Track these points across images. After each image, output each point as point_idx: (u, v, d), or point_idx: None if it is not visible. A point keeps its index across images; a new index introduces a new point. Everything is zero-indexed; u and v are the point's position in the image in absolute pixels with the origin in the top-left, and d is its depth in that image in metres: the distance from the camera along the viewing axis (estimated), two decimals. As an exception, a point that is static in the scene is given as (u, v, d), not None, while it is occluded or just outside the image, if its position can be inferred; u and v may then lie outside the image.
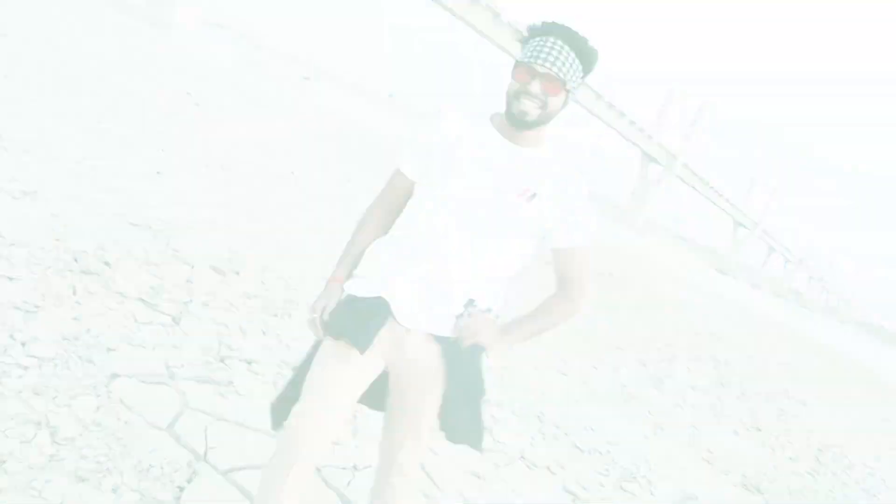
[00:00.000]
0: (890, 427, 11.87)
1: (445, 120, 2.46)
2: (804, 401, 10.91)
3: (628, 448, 5.63)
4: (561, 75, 2.31)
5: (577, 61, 2.33)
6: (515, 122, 2.37)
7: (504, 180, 2.38)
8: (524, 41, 2.39)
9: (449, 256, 2.37)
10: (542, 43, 2.32)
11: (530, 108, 2.32)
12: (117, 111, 10.08)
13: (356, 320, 2.41)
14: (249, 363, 4.34)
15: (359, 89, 55.50)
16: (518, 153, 2.41)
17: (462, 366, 2.44)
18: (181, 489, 3.02)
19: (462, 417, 2.50)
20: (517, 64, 2.35)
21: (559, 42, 2.31)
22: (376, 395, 2.57)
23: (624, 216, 59.86)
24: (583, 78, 2.38)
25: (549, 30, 2.34)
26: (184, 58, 23.15)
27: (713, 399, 8.51)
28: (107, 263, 4.85)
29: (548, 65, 2.29)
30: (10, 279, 4.12)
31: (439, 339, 2.44)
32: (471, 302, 2.41)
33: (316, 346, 2.55)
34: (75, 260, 4.71)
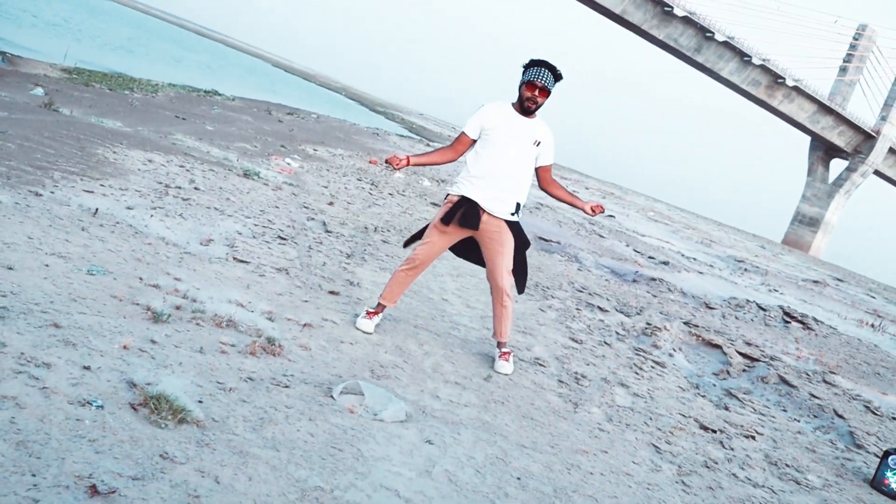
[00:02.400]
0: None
1: (489, 108, 5.06)
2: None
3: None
4: (549, 87, 4.95)
5: (552, 78, 4.94)
6: (526, 112, 5.00)
7: (524, 137, 5.00)
8: (524, 69, 4.97)
9: (505, 179, 5.01)
10: (537, 71, 4.91)
11: (534, 106, 4.98)
12: None
13: (467, 213, 5.00)
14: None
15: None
16: (528, 123, 5.03)
17: (517, 233, 5.16)
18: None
19: (519, 264, 5.29)
20: (526, 82, 4.92)
21: (543, 69, 4.91)
22: (473, 256, 5.35)
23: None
24: (555, 84, 4.99)
25: (538, 63, 4.93)
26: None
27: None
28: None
29: (541, 81, 4.91)
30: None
31: (504, 220, 5.07)
32: (517, 204, 5.10)
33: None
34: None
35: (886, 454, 5.08)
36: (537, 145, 5.05)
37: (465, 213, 4.99)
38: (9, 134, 7.75)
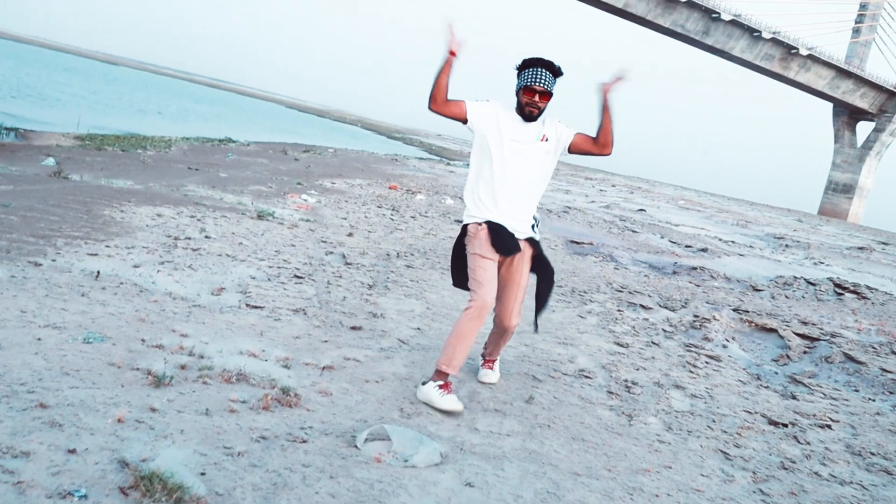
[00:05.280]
0: None
1: (493, 109, 4.38)
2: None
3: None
4: (550, 90, 4.31)
5: (552, 77, 4.31)
6: (527, 119, 4.34)
7: (528, 140, 4.35)
8: (518, 70, 4.35)
9: (518, 193, 4.37)
10: (533, 73, 4.28)
11: (534, 112, 4.32)
12: None
13: (502, 240, 4.34)
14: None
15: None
16: (530, 125, 4.37)
17: (540, 254, 4.55)
18: None
19: (542, 294, 4.69)
20: (524, 87, 4.27)
21: (540, 69, 4.30)
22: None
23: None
24: (555, 83, 4.34)
25: (536, 63, 4.31)
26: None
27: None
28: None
29: (540, 85, 4.27)
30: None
31: (526, 239, 4.48)
32: (534, 218, 4.54)
33: (459, 245, 4.57)
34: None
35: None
36: (545, 141, 4.37)
37: (501, 238, 4.34)
38: (12, 206, 7.49)
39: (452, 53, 4.23)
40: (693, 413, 4.82)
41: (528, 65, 4.32)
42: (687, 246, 15.13)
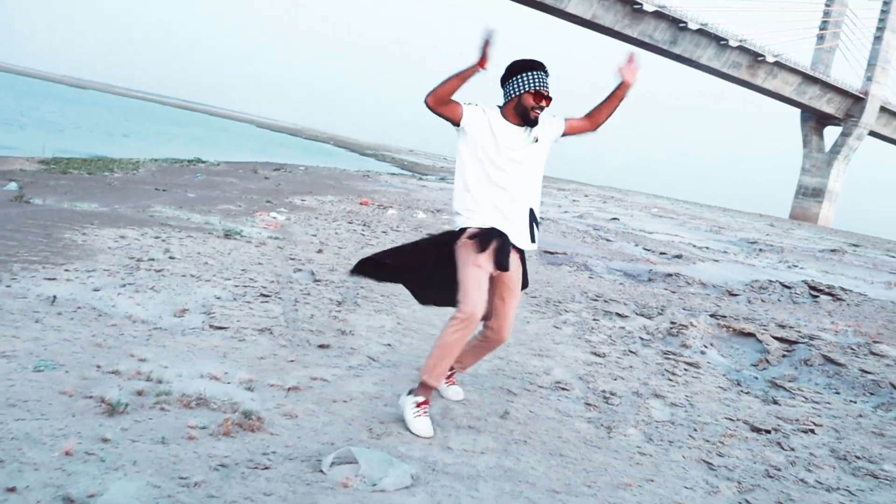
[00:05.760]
0: None
1: (485, 114, 4.11)
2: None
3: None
4: (551, 95, 4.13)
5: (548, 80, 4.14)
6: (530, 125, 4.14)
7: (522, 142, 4.13)
8: (516, 73, 4.10)
9: (519, 200, 4.14)
10: (537, 76, 4.08)
11: (538, 117, 4.13)
12: None
13: (504, 256, 4.10)
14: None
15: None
16: (523, 129, 4.15)
17: (524, 267, 4.38)
18: None
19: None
20: (532, 91, 4.06)
21: (542, 73, 4.11)
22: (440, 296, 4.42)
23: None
24: None
25: (538, 66, 4.12)
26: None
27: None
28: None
29: (546, 90, 4.10)
30: None
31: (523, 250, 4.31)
32: (532, 226, 4.26)
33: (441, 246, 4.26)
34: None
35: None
36: (537, 142, 4.17)
37: (500, 249, 4.08)
38: (-34, 234, 7.26)
39: (482, 65, 3.95)
40: (674, 422, 4.68)
41: (530, 67, 4.10)
42: (661, 253, 15.07)
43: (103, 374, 4.03)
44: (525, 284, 4.42)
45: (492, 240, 4.07)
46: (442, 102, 3.99)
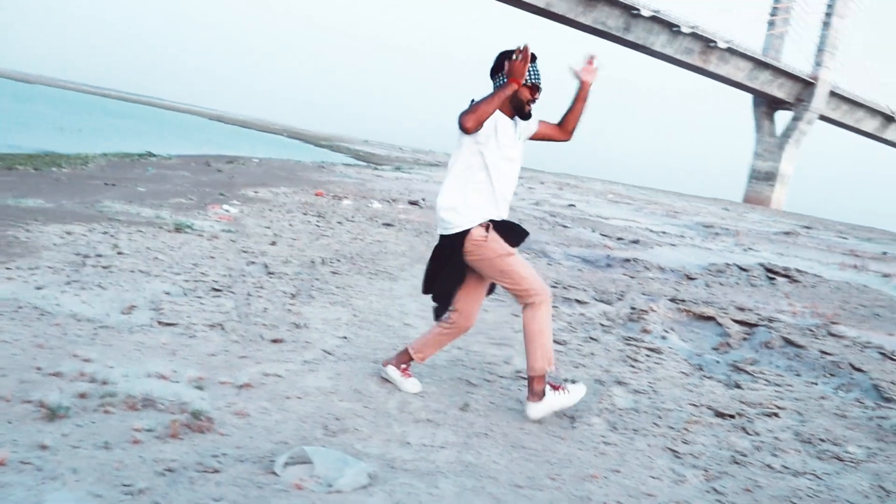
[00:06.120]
0: None
1: None
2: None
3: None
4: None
5: None
6: (525, 118, 4.08)
7: (514, 142, 4.08)
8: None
9: (509, 196, 4.14)
10: (532, 68, 3.95)
11: (531, 110, 4.07)
12: None
13: (515, 234, 4.15)
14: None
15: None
16: (512, 124, 4.08)
17: None
18: None
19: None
20: (529, 84, 3.98)
21: (535, 65, 3.99)
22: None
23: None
24: None
25: (533, 56, 3.91)
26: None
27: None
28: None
29: (540, 82, 4.04)
30: None
31: None
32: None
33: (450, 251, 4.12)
34: None
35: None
36: (520, 139, 4.15)
37: (515, 232, 4.17)
38: None
39: (517, 83, 3.87)
40: (637, 410, 4.60)
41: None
42: (619, 238, 15.05)
43: (44, 376, 3.84)
44: None
45: (502, 230, 4.09)
46: (482, 125, 3.87)
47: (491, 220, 4.07)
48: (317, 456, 3.10)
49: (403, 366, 4.44)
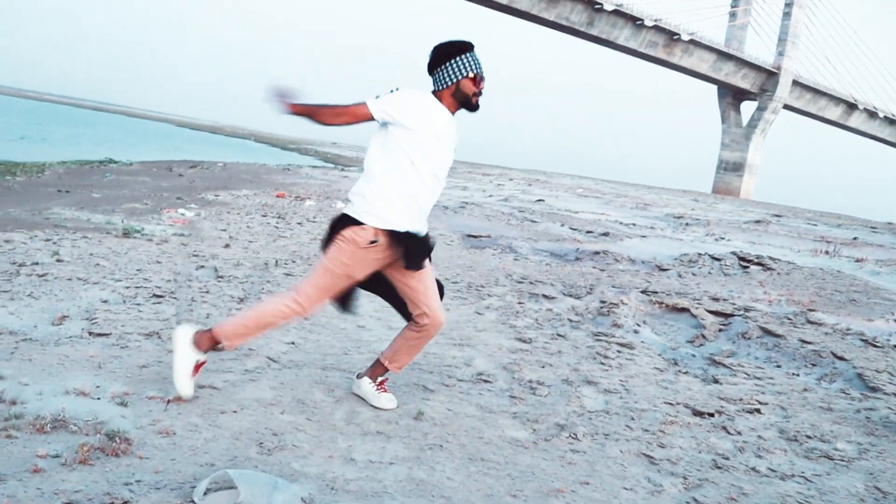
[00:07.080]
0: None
1: (411, 98, 3.62)
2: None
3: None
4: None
5: None
6: (472, 110, 3.76)
7: (449, 138, 3.73)
8: (452, 57, 3.64)
9: (433, 194, 3.76)
10: (473, 58, 3.69)
11: (479, 101, 3.76)
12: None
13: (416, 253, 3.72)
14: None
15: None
16: (451, 119, 3.74)
17: None
18: None
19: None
20: (477, 76, 3.69)
21: (475, 55, 3.72)
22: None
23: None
24: None
25: (470, 47, 3.70)
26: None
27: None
28: None
29: (482, 72, 3.73)
30: None
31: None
32: None
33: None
34: None
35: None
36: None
37: (412, 253, 3.73)
38: None
39: (293, 108, 3.62)
40: (609, 412, 4.25)
41: (463, 49, 3.70)
42: (588, 231, 14.77)
43: (-55, 398, 3.42)
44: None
45: (398, 246, 3.72)
46: (331, 118, 3.65)
47: (408, 233, 3.73)
48: (242, 480, 2.71)
49: (381, 378, 4.03)
